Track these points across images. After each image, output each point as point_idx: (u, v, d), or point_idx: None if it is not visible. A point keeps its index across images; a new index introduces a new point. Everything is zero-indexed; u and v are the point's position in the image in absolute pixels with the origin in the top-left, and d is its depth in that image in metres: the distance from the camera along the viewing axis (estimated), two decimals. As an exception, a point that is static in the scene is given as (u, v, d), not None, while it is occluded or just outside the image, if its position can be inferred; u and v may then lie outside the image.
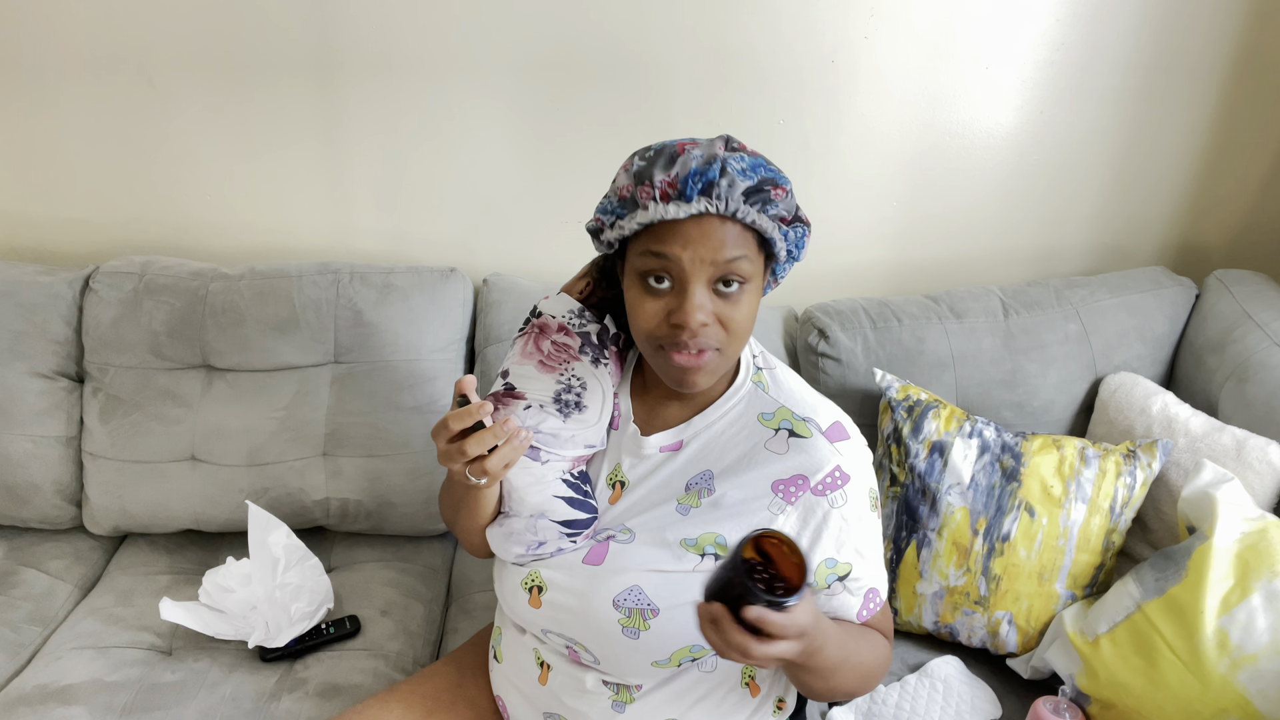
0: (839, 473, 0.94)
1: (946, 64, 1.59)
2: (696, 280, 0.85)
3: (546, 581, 0.99)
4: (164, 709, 1.25)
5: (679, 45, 1.56)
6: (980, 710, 1.32)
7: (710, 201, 0.83)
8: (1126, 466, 1.36)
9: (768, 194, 0.85)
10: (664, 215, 0.84)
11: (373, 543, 1.61)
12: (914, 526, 1.38)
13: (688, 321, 0.85)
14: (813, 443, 0.95)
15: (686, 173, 0.83)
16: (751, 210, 0.84)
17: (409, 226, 1.72)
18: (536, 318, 1.04)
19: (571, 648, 0.99)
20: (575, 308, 1.02)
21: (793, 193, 0.89)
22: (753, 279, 0.88)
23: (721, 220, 0.84)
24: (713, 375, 0.91)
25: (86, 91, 1.60)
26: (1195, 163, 1.70)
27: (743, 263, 0.86)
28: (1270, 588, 1.13)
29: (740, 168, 0.84)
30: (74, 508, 1.58)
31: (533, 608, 0.99)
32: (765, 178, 0.86)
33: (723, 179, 0.83)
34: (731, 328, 0.88)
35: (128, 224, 1.72)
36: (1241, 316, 1.52)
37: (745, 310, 0.89)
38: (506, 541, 1.01)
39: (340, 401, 1.53)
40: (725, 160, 0.84)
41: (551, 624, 0.99)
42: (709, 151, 0.85)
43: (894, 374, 1.51)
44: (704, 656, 0.96)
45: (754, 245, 0.87)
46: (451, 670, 1.18)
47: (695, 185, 0.83)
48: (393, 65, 1.57)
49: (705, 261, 0.85)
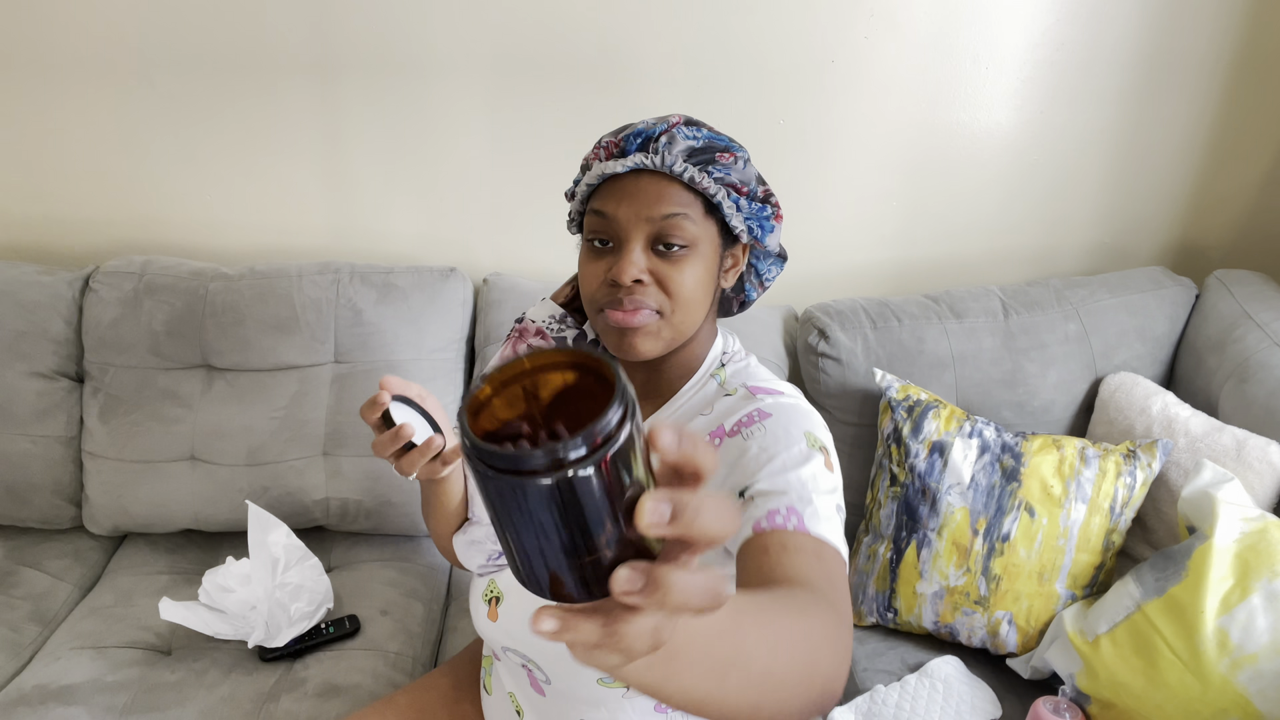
0: (757, 413, 0.85)
1: (946, 64, 1.59)
2: (634, 237, 0.84)
3: (503, 591, 0.96)
4: (163, 709, 1.25)
5: (680, 46, 1.56)
6: (980, 710, 1.32)
7: (647, 156, 0.83)
8: (1126, 466, 1.36)
9: (712, 156, 0.84)
10: (605, 171, 0.84)
11: (372, 542, 1.61)
12: (914, 526, 1.38)
13: (621, 275, 0.82)
14: (736, 397, 0.89)
15: (630, 132, 0.85)
16: (691, 168, 0.83)
17: (409, 226, 1.72)
18: (518, 323, 1.03)
19: (527, 667, 0.96)
20: (557, 313, 1.01)
21: (750, 166, 0.87)
22: (698, 244, 0.84)
23: (659, 177, 0.83)
24: (655, 340, 0.86)
25: (86, 91, 1.60)
26: (1195, 163, 1.70)
27: (682, 221, 0.83)
28: (1270, 588, 1.13)
29: (690, 134, 0.84)
30: (74, 508, 1.58)
31: (491, 621, 0.97)
32: (713, 143, 0.85)
33: (663, 137, 0.83)
34: (672, 290, 0.84)
35: (128, 224, 1.72)
36: (1241, 316, 1.52)
37: (689, 275, 0.84)
38: (469, 550, 0.99)
39: (340, 401, 1.53)
40: (675, 128, 0.84)
41: (507, 639, 0.96)
42: (662, 119, 0.86)
43: (894, 374, 1.51)
44: None
45: (699, 208, 0.84)
46: (447, 683, 1.17)
47: (634, 142, 0.84)
48: (393, 65, 1.57)
49: (640, 217, 0.83)
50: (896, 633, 1.46)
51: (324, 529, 1.61)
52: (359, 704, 1.26)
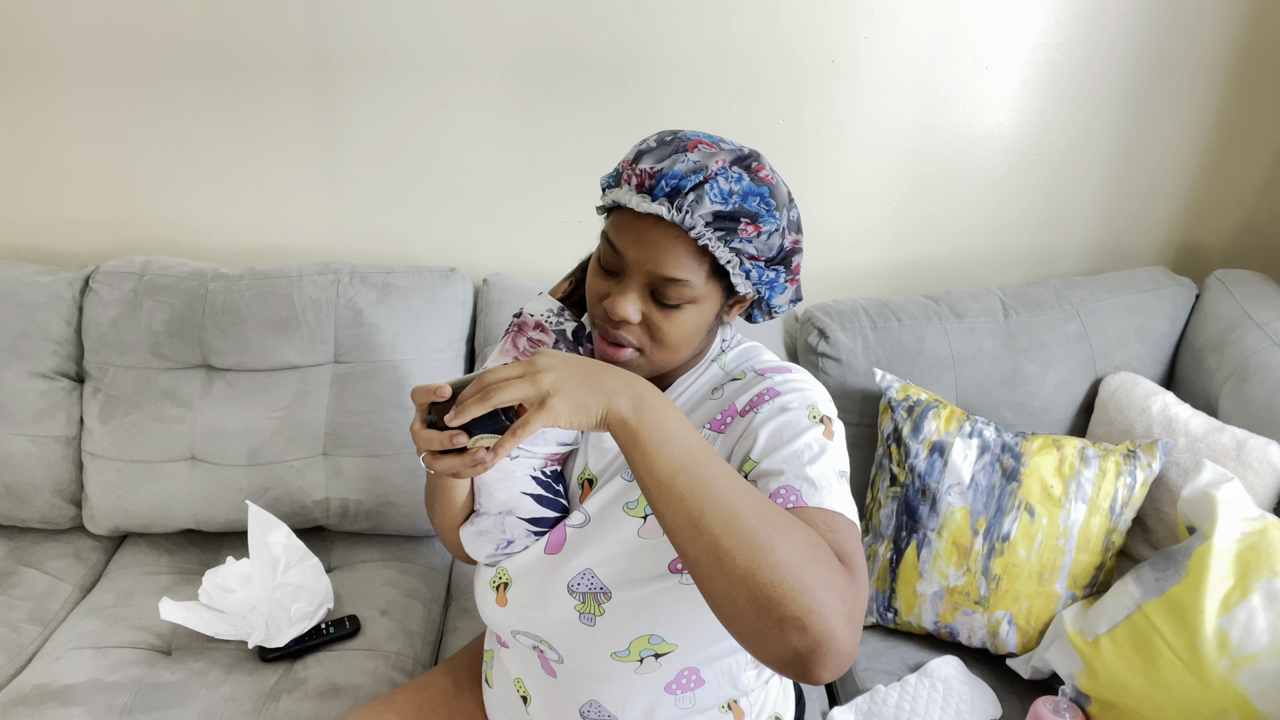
0: (767, 393, 0.88)
1: (946, 64, 1.59)
2: (634, 280, 0.84)
3: (512, 577, 0.98)
4: (163, 709, 1.25)
5: (679, 45, 1.56)
6: (980, 710, 1.32)
7: (670, 209, 0.80)
8: (1126, 466, 1.36)
9: (736, 225, 0.81)
10: (626, 202, 0.83)
11: (373, 543, 1.61)
12: (914, 526, 1.38)
13: (612, 312, 0.84)
14: (745, 380, 0.92)
15: (667, 171, 0.81)
16: (710, 234, 0.81)
17: (409, 226, 1.72)
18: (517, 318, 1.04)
19: (539, 648, 0.98)
20: (555, 307, 1.02)
21: (776, 235, 0.84)
22: (699, 301, 0.85)
23: (677, 233, 0.81)
24: (635, 371, 0.89)
25: (86, 91, 1.60)
26: (1195, 163, 1.71)
27: (681, 288, 0.83)
28: (1270, 588, 1.13)
29: (725, 189, 0.80)
30: (74, 508, 1.58)
31: (499, 606, 0.98)
32: (744, 208, 0.81)
33: (693, 193, 0.80)
34: (659, 338, 0.86)
35: (128, 224, 1.72)
36: (1241, 316, 1.52)
37: (679, 327, 0.86)
38: (477, 540, 1.00)
39: (340, 401, 1.53)
40: (715, 175, 0.80)
41: (517, 622, 0.98)
42: (705, 160, 0.81)
43: (894, 374, 1.51)
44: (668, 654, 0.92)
45: (706, 271, 0.84)
46: (448, 681, 1.17)
47: (664, 186, 0.80)
48: (393, 65, 1.57)
49: (644, 268, 0.83)
50: (896, 633, 1.46)
51: (324, 529, 1.61)
52: (359, 704, 1.26)
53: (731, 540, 0.68)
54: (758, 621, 0.66)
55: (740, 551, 0.67)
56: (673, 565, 0.89)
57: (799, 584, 0.66)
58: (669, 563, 0.89)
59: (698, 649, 0.93)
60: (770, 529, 0.68)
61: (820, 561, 0.69)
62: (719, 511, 0.69)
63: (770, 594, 0.65)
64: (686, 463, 0.71)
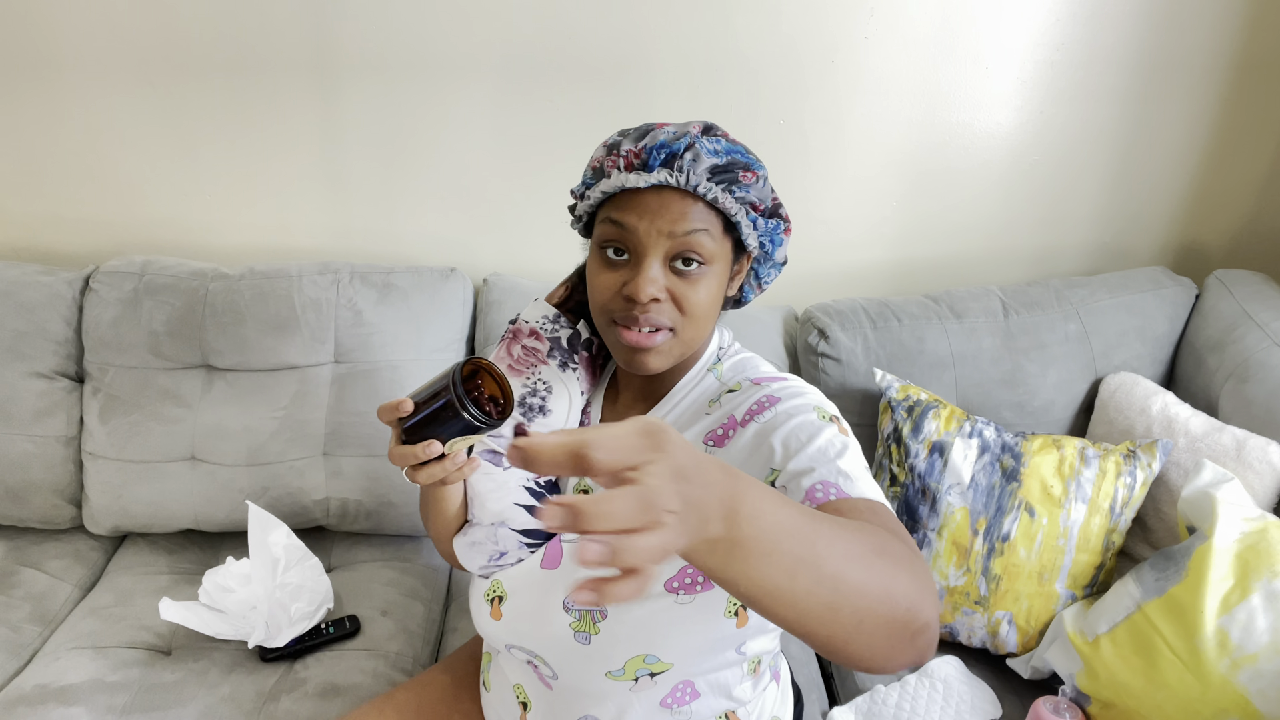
0: (766, 400, 0.86)
1: (946, 64, 1.59)
2: (652, 253, 0.84)
3: (507, 590, 0.97)
4: (163, 709, 1.25)
5: (679, 45, 1.56)
6: (980, 710, 1.32)
7: (671, 173, 0.82)
8: (1126, 466, 1.36)
9: (735, 174, 0.84)
10: (625, 183, 0.83)
11: (373, 542, 1.61)
12: (914, 526, 1.38)
13: (638, 294, 0.83)
14: (741, 391, 0.90)
15: (653, 144, 0.82)
16: (715, 188, 0.83)
17: (409, 226, 1.72)
18: (512, 324, 1.04)
19: (533, 662, 0.97)
20: (551, 313, 1.02)
21: (768, 183, 0.87)
22: (714, 261, 0.85)
23: (682, 194, 0.83)
24: (665, 358, 0.88)
25: (87, 91, 1.60)
26: (1195, 163, 1.70)
27: (702, 237, 0.83)
28: (1270, 588, 1.13)
29: (712, 148, 0.83)
30: (74, 508, 1.58)
31: (494, 620, 0.97)
32: (735, 160, 0.84)
33: (687, 153, 0.82)
34: (686, 308, 0.85)
35: (128, 224, 1.72)
36: (1241, 316, 1.52)
37: (704, 293, 0.86)
38: (470, 551, 0.99)
39: (340, 401, 1.53)
40: (696, 139, 0.83)
41: (511, 636, 0.97)
42: (682, 129, 0.84)
43: (894, 374, 1.51)
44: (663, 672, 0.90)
45: (718, 226, 0.85)
46: (447, 680, 1.17)
47: (658, 156, 0.82)
48: (393, 65, 1.57)
49: (662, 233, 0.83)
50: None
51: (324, 529, 1.61)
52: (359, 704, 1.26)
53: (869, 600, 0.57)
54: (891, 650, 0.60)
55: (876, 599, 0.58)
56: (668, 585, 0.88)
57: (918, 597, 0.60)
58: (664, 582, 0.88)
59: (692, 665, 0.92)
60: (882, 558, 0.60)
61: (907, 558, 0.63)
62: (848, 580, 0.56)
63: (904, 620, 0.59)
64: (802, 553, 0.55)
